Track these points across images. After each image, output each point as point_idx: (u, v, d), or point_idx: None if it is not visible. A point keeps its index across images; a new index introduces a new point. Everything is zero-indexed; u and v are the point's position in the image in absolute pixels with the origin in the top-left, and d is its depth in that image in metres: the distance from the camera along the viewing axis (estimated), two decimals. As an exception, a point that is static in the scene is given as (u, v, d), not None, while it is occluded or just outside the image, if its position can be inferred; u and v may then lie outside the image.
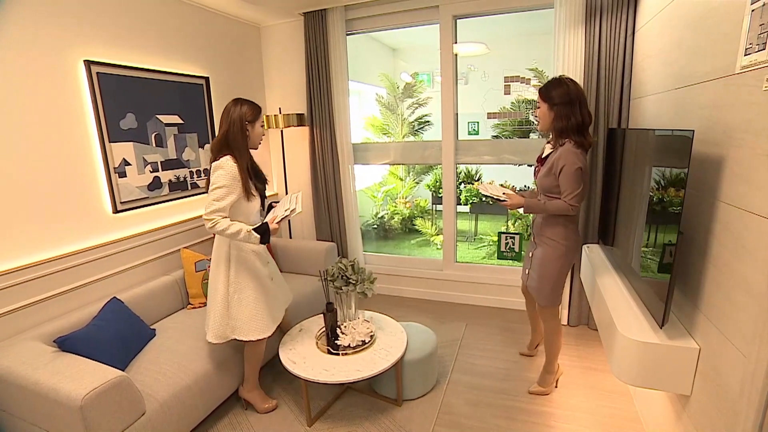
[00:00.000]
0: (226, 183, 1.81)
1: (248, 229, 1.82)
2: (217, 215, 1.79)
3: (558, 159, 1.89)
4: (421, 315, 3.20)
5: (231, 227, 1.79)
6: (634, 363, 1.51)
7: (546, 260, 2.03)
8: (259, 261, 2.02)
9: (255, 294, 1.97)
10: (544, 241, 2.05)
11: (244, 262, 1.95)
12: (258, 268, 1.99)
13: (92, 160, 2.25)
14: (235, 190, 1.83)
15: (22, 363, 1.63)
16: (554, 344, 2.16)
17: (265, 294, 2.01)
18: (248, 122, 1.91)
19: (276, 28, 3.51)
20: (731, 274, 1.24)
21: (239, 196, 1.85)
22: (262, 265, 2.03)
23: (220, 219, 1.80)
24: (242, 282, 1.95)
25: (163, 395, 1.77)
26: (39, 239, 2.02)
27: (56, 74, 2.06)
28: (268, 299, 2.03)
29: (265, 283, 2.02)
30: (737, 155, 1.23)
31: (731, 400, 1.21)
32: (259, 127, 1.98)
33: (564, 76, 1.94)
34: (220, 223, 1.78)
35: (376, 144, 3.83)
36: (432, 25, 3.09)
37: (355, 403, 2.23)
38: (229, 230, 1.78)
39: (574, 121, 1.87)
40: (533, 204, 1.98)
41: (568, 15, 2.57)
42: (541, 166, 2.05)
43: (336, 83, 3.24)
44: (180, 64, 2.78)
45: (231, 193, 1.82)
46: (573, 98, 1.87)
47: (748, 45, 1.17)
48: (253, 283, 1.97)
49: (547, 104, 1.92)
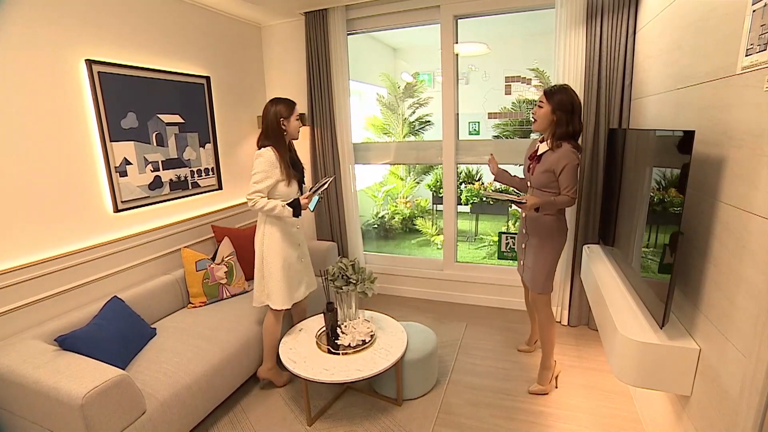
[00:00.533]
0: (264, 168, 2.10)
1: (282, 204, 2.12)
2: (256, 195, 2.10)
3: (559, 159, 2.00)
4: (421, 315, 3.21)
5: (268, 204, 2.10)
6: (634, 363, 1.51)
7: (541, 250, 2.15)
8: (289, 242, 2.25)
9: (279, 270, 2.21)
10: (537, 231, 2.16)
11: (274, 241, 2.20)
12: (285, 247, 2.22)
13: (93, 160, 2.25)
14: (272, 175, 2.12)
15: (23, 362, 1.63)
16: (549, 334, 2.22)
17: (288, 272, 2.24)
18: (283, 118, 2.16)
19: (277, 27, 3.51)
20: (731, 274, 1.24)
21: (277, 181, 2.14)
22: (290, 246, 2.26)
23: (258, 198, 2.10)
24: (271, 257, 2.20)
25: (164, 394, 1.77)
26: (40, 238, 2.02)
27: (57, 73, 2.07)
28: (290, 277, 2.25)
29: (291, 262, 2.26)
30: (738, 156, 1.23)
31: (731, 400, 1.21)
32: (294, 121, 2.20)
33: (568, 85, 2.07)
34: (258, 202, 2.10)
35: (377, 144, 3.83)
36: (433, 25, 3.09)
37: (355, 402, 2.23)
38: (267, 207, 2.10)
39: (571, 129, 2.01)
40: (546, 201, 2.07)
41: (569, 15, 2.57)
42: (536, 163, 2.12)
43: (337, 83, 3.24)
44: (181, 64, 2.78)
45: (268, 178, 2.11)
46: (574, 107, 2.01)
47: (749, 46, 1.17)
48: (279, 260, 2.20)
49: (551, 107, 2.02)
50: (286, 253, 2.23)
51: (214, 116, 3.04)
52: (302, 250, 2.37)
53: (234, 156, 3.30)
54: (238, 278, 2.70)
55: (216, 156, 3.08)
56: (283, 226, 2.22)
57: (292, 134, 2.22)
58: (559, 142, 2.02)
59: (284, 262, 2.21)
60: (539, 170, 2.08)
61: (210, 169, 3.04)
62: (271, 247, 2.20)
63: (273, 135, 2.16)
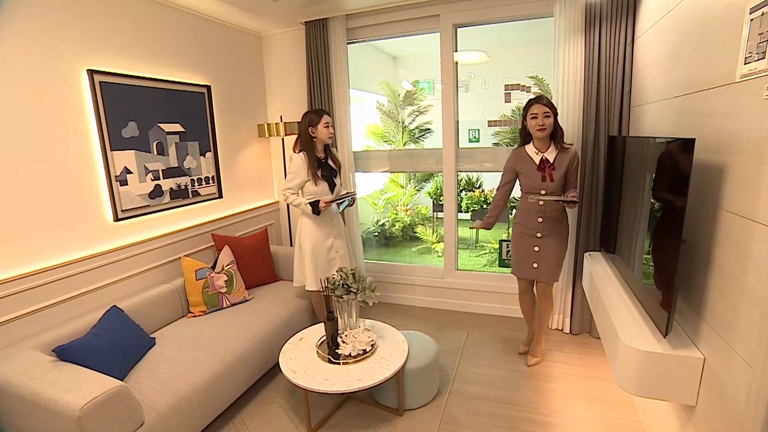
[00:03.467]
0: (294, 170, 2.54)
1: (306, 202, 2.54)
2: (287, 191, 2.56)
3: (573, 158, 2.27)
4: (422, 323, 3.19)
5: (296, 200, 2.55)
6: (637, 372, 1.49)
7: (559, 246, 2.38)
8: (320, 233, 2.62)
9: (309, 255, 2.59)
10: (557, 231, 2.37)
11: (306, 231, 2.62)
12: (315, 237, 2.61)
13: (94, 168, 2.25)
14: (300, 175, 2.53)
15: (21, 373, 1.62)
16: (547, 318, 2.52)
17: (316, 258, 2.61)
18: (312, 126, 2.52)
19: (277, 37, 3.54)
20: (735, 283, 1.23)
21: (304, 181, 2.54)
22: (321, 237, 2.63)
23: (290, 194, 2.56)
24: (304, 244, 2.61)
25: (162, 405, 1.76)
26: (40, 247, 2.02)
27: (60, 84, 2.08)
28: (317, 264, 2.61)
29: (320, 251, 2.62)
30: (739, 163, 1.22)
31: (738, 411, 1.19)
32: (322, 128, 2.53)
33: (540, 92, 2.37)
34: (290, 198, 2.56)
35: (377, 152, 3.84)
36: (433, 34, 3.11)
37: (356, 412, 2.20)
38: (295, 202, 2.56)
39: (561, 129, 2.30)
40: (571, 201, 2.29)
41: (567, 24, 2.58)
42: (551, 170, 2.28)
43: (337, 91, 3.26)
44: (182, 73, 2.80)
45: (297, 177, 2.54)
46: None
47: (748, 54, 1.17)
48: (309, 247, 2.59)
49: (554, 116, 2.25)
50: (316, 242, 2.59)
51: (214, 125, 3.05)
52: (337, 241, 2.69)
53: (234, 165, 3.31)
54: (238, 287, 2.68)
55: (216, 165, 3.09)
56: (315, 218, 2.59)
57: (322, 139, 2.55)
58: (565, 144, 2.29)
59: (314, 249, 2.58)
60: (558, 174, 2.27)
61: (210, 177, 3.04)
62: (304, 235, 2.60)
63: (304, 141, 2.53)
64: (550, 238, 2.36)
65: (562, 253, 2.40)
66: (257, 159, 3.59)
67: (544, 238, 2.36)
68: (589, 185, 2.70)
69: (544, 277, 2.41)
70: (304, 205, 2.52)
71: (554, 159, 2.26)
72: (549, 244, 2.36)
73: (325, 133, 2.53)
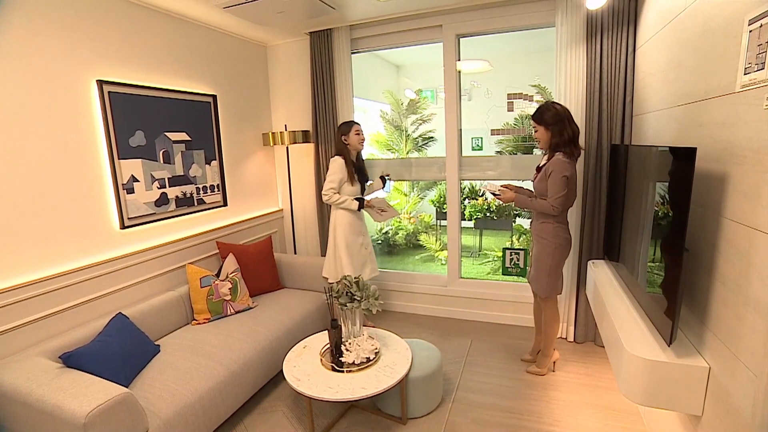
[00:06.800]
0: (336, 170, 2.78)
1: (351, 198, 2.80)
2: (330, 191, 2.77)
3: (549, 166, 2.21)
4: (425, 331, 3.18)
5: (339, 198, 2.79)
6: (642, 382, 1.49)
7: (541, 256, 2.35)
8: (352, 230, 2.85)
9: (344, 249, 2.83)
10: (538, 240, 2.35)
11: (340, 227, 2.84)
12: (348, 234, 2.84)
13: (101, 177, 2.29)
14: (340, 174, 2.77)
15: (27, 379, 1.63)
16: (552, 330, 2.44)
17: (350, 255, 2.84)
18: (344, 135, 2.82)
19: (282, 47, 3.59)
20: (739, 291, 1.23)
21: (343, 181, 2.79)
22: (354, 233, 2.86)
23: (332, 194, 2.77)
24: (338, 240, 2.84)
25: (167, 413, 1.76)
26: (47, 255, 2.04)
27: (70, 94, 2.12)
28: (352, 260, 2.84)
29: (354, 247, 2.86)
30: (740, 172, 1.23)
31: (743, 421, 1.18)
32: (353, 136, 2.82)
33: (549, 100, 2.34)
34: (332, 197, 2.77)
35: (381, 160, 3.86)
36: (436, 44, 3.15)
37: (359, 421, 2.20)
38: (338, 200, 2.79)
39: (566, 135, 2.19)
40: (523, 200, 2.32)
41: (569, 34, 2.61)
42: (537, 173, 2.35)
43: (341, 100, 3.29)
44: (188, 83, 2.84)
45: (338, 175, 2.77)
46: (562, 117, 2.20)
47: (747, 64, 1.19)
48: (343, 242, 2.83)
49: (543, 126, 2.24)
50: (349, 238, 2.83)
51: (220, 134, 3.09)
52: (366, 240, 2.95)
53: (239, 173, 3.34)
54: (242, 294, 2.69)
55: (221, 173, 3.12)
56: (350, 218, 2.84)
57: (354, 146, 2.83)
58: (553, 152, 2.22)
59: (347, 245, 2.82)
60: (538, 179, 2.31)
61: (215, 185, 3.07)
62: (338, 232, 2.84)
63: (340, 149, 2.83)
64: (536, 246, 2.38)
65: (542, 265, 2.33)
66: (262, 167, 3.62)
67: (535, 245, 2.41)
68: (592, 193, 2.70)
69: (533, 284, 2.44)
70: (350, 201, 2.78)
71: (542, 165, 2.31)
72: (536, 251, 2.39)
73: (356, 139, 2.82)
